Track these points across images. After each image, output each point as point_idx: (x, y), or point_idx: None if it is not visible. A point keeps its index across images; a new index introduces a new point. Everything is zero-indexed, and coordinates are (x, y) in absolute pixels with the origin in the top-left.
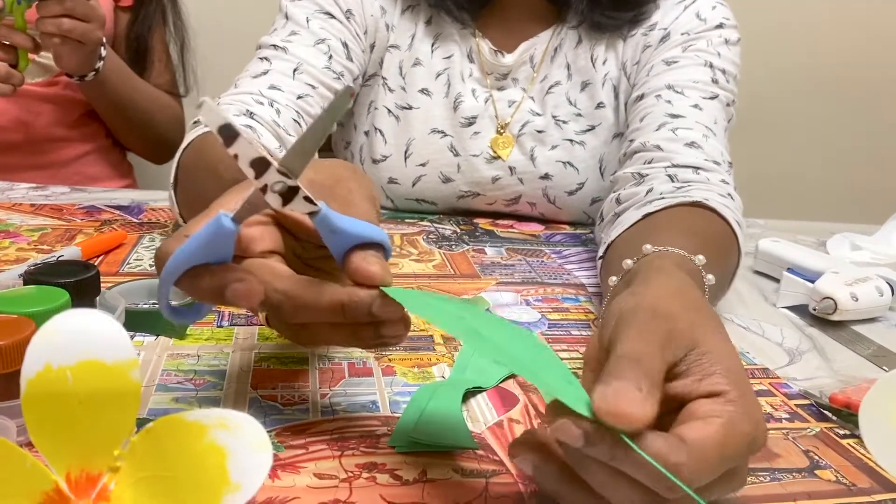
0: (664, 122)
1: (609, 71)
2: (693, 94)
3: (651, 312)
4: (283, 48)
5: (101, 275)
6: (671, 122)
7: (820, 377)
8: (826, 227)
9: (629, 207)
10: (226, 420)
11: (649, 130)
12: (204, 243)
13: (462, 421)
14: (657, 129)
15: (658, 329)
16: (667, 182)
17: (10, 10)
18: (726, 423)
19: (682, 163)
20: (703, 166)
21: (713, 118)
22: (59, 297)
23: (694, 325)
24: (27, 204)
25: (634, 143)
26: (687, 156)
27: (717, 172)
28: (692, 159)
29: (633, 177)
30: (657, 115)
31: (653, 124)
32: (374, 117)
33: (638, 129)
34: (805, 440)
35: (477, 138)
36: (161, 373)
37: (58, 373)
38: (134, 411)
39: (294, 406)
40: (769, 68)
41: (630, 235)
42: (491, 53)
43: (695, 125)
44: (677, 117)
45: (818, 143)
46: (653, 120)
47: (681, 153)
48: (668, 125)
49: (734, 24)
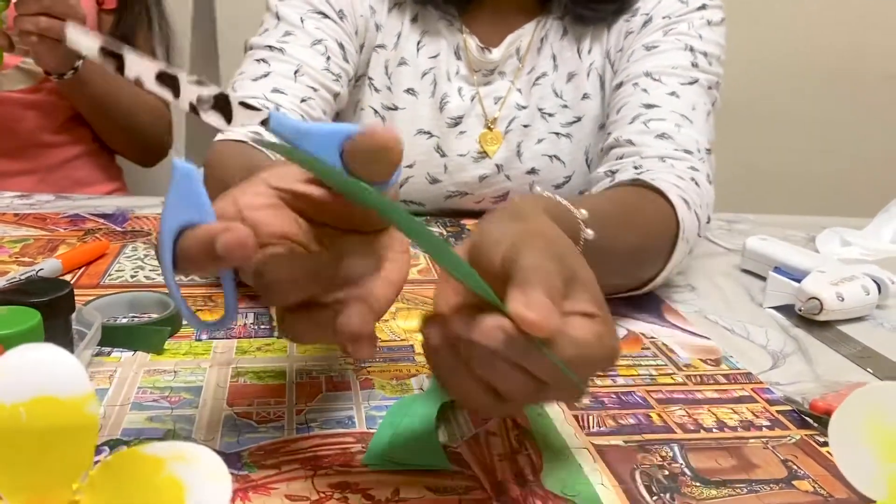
0: (638, 115)
1: (594, 60)
2: (671, 81)
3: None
4: (280, 49)
5: (81, 287)
6: (645, 113)
7: (803, 381)
8: (816, 221)
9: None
10: (183, 453)
11: (624, 124)
12: (175, 196)
13: (435, 440)
14: (631, 122)
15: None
16: (630, 172)
17: None
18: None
19: (650, 154)
20: (670, 156)
21: (691, 104)
22: (30, 318)
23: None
24: (10, 213)
25: (609, 139)
26: (656, 147)
27: (686, 161)
28: (661, 150)
29: (605, 175)
30: (632, 105)
31: (627, 116)
32: (360, 118)
33: (615, 121)
34: (784, 448)
35: (463, 137)
36: (137, 390)
37: (10, 410)
38: (91, 445)
39: (269, 423)
40: (758, 60)
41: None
42: (478, 50)
43: (669, 115)
44: (651, 107)
45: (808, 137)
46: (628, 112)
47: (650, 146)
48: (641, 117)
49: (718, 3)
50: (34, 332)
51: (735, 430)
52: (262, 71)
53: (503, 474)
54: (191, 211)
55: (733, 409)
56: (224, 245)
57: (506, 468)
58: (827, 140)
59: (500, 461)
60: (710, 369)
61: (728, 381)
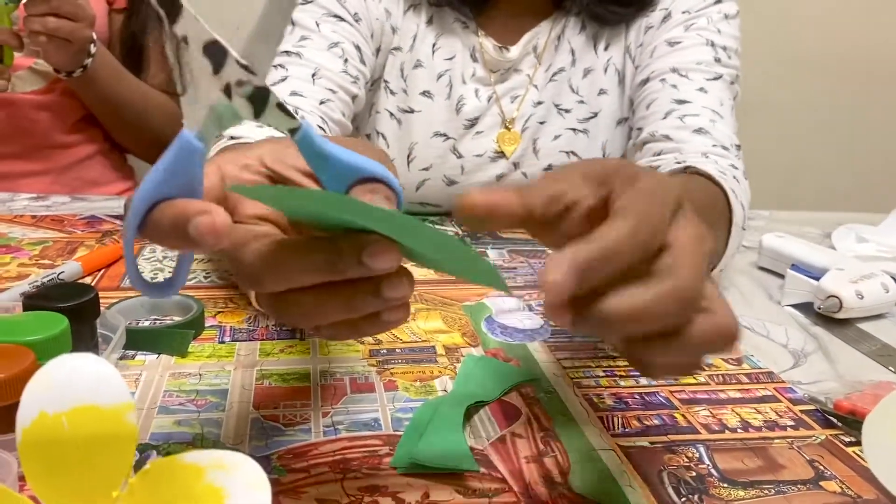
0: (671, 110)
1: (612, 56)
2: (697, 77)
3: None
4: (297, 53)
5: (102, 289)
6: (678, 108)
7: (825, 381)
8: (831, 217)
9: None
10: (222, 461)
11: (657, 119)
12: (169, 168)
13: (463, 442)
14: (665, 118)
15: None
16: (675, 166)
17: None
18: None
19: (691, 150)
20: (711, 152)
21: (719, 100)
22: (58, 324)
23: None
24: (28, 215)
25: (643, 133)
26: (696, 143)
27: (726, 158)
28: (701, 146)
29: None
30: (663, 101)
31: (660, 112)
32: (375, 121)
33: (645, 116)
34: (810, 449)
35: (480, 138)
36: (163, 394)
37: (53, 419)
38: (131, 453)
39: (296, 426)
40: (773, 56)
41: None
42: (495, 50)
43: (702, 110)
44: (684, 103)
45: (822, 132)
46: (660, 107)
47: (689, 141)
48: (675, 112)
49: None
50: (62, 337)
51: (760, 431)
52: (279, 76)
53: (531, 476)
54: (180, 188)
55: (757, 408)
56: (196, 228)
57: (533, 470)
58: (842, 136)
59: (527, 463)
60: (733, 368)
61: (750, 380)
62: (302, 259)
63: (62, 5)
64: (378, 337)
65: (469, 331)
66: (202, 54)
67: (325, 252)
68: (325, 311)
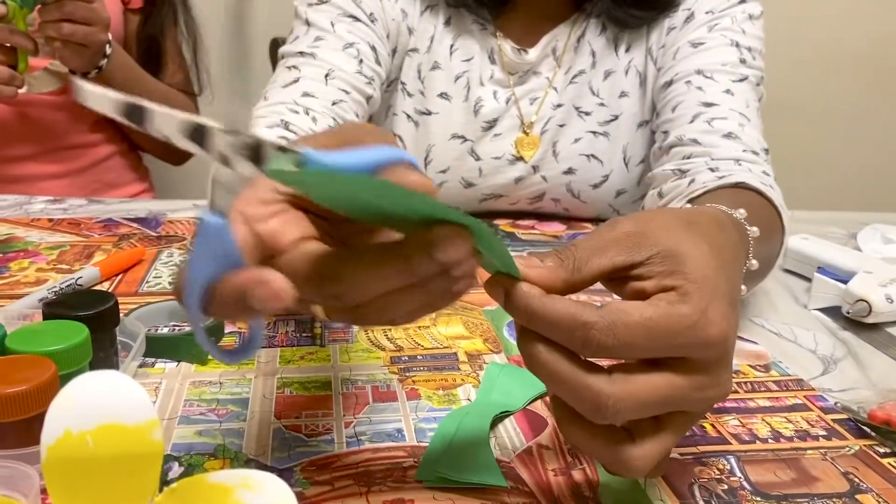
0: (698, 113)
1: (633, 58)
2: (723, 79)
3: (619, 220)
4: (311, 54)
5: (120, 295)
6: (705, 111)
7: (857, 388)
8: (856, 217)
9: (673, 199)
10: (249, 480)
11: (684, 122)
12: (202, 252)
13: (490, 456)
14: (692, 121)
15: (614, 230)
16: (709, 174)
17: (13, 16)
18: (662, 306)
19: (722, 156)
20: (743, 158)
21: (745, 102)
22: (78, 333)
23: (669, 231)
24: (45, 219)
25: (670, 137)
26: (726, 149)
27: (758, 164)
28: (732, 152)
29: (673, 173)
30: (690, 104)
31: (687, 115)
32: (392, 123)
33: (671, 119)
34: (844, 460)
35: (498, 140)
36: (183, 403)
37: (78, 438)
38: (156, 471)
39: (318, 437)
40: (795, 53)
41: None
42: (514, 52)
43: (729, 113)
44: (711, 106)
45: (845, 130)
46: (686, 110)
47: (719, 146)
48: (702, 116)
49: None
50: (82, 346)
51: (791, 441)
52: (292, 77)
53: (559, 490)
54: (219, 262)
55: (787, 417)
56: (260, 301)
57: (562, 484)
58: (864, 134)
59: (555, 476)
60: (761, 376)
61: (779, 388)
62: (377, 273)
63: (76, 10)
64: (399, 343)
65: (491, 336)
66: (188, 141)
67: (396, 262)
68: (400, 305)
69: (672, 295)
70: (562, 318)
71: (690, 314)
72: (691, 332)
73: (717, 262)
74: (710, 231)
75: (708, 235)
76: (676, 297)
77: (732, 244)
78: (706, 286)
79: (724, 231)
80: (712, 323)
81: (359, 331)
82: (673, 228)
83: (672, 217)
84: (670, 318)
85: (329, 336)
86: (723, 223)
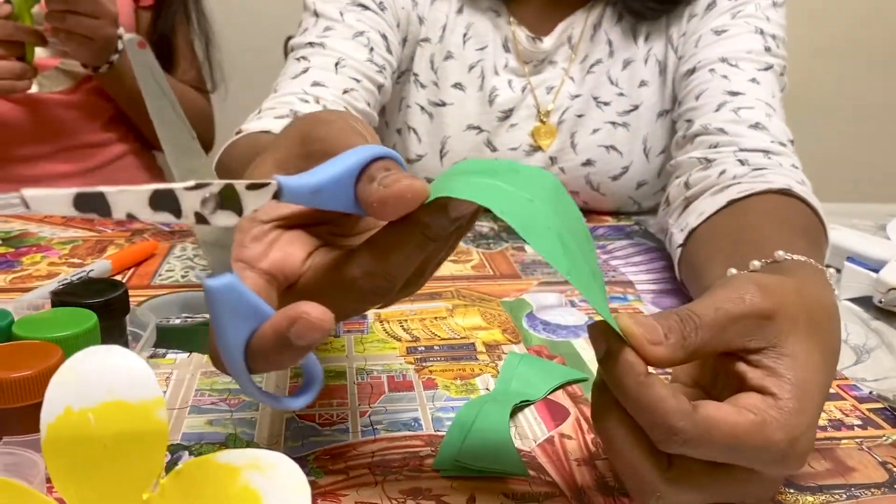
0: (724, 102)
1: (653, 47)
2: (748, 67)
3: (748, 286)
4: (321, 44)
5: (132, 287)
6: (731, 100)
7: (892, 377)
8: (884, 209)
9: (703, 192)
10: (258, 461)
11: (709, 111)
12: (226, 317)
13: (510, 444)
14: (717, 110)
15: (744, 302)
16: (738, 166)
17: (19, 12)
18: (757, 421)
19: (751, 147)
20: (772, 150)
21: (771, 92)
22: (86, 320)
23: (797, 327)
24: (58, 216)
25: (695, 126)
26: (754, 139)
27: (787, 156)
28: (760, 143)
29: (699, 161)
30: (714, 92)
31: (711, 103)
32: (406, 115)
33: (695, 108)
34: (881, 450)
35: (514, 130)
36: (194, 393)
37: (79, 415)
38: (161, 452)
39: (333, 426)
40: (817, 44)
41: (717, 224)
42: (528, 41)
43: (756, 103)
44: (736, 95)
45: (871, 121)
46: (710, 98)
47: (747, 136)
48: (728, 104)
49: None
50: (91, 333)
51: (825, 430)
52: (301, 67)
53: (583, 480)
54: (248, 319)
55: None
56: (303, 338)
57: (585, 474)
58: (891, 126)
59: (577, 466)
60: None
61: None
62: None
63: (79, 3)
64: (415, 334)
65: (510, 327)
66: (157, 212)
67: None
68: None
69: (768, 408)
70: (654, 410)
71: (780, 442)
72: (777, 462)
73: (824, 375)
74: (828, 334)
75: (823, 340)
76: (772, 416)
77: (837, 339)
78: (806, 407)
79: (832, 323)
80: (799, 455)
81: (374, 321)
82: (799, 321)
83: (801, 307)
84: (760, 439)
85: (344, 326)
86: (833, 314)
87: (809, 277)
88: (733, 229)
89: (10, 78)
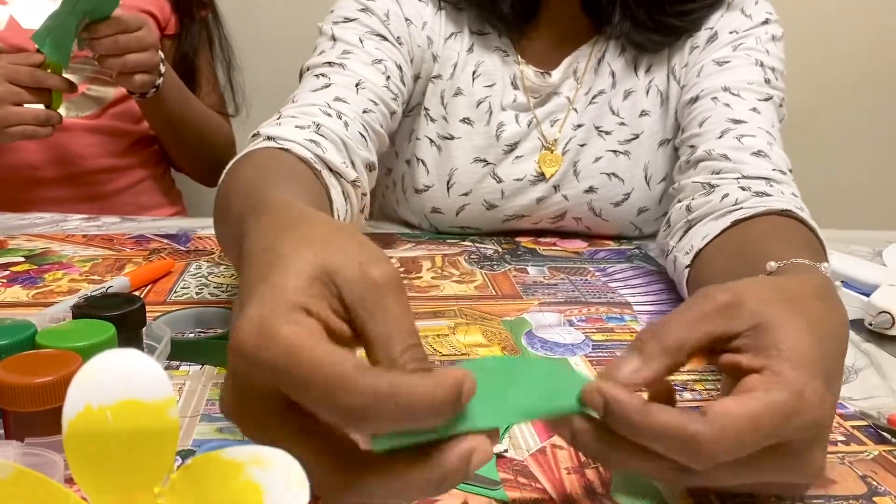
0: (727, 129)
1: (654, 77)
2: (749, 97)
3: (712, 289)
4: (341, 64)
5: (149, 303)
6: (734, 128)
7: (878, 396)
8: (881, 235)
9: (706, 216)
10: (259, 457)
11: (712, 137)
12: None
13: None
14: (720, 137)
15: (709, 301)
16: (741, 192)
17: (50, 61)
18: (760, 395)
19: (753, 174)
20: (773, 178)
21: (770, 121)
22: (105, 331)
23: (768, 303)
24: (80, 235)
25: (698, 151)
26: (756, 167)
27: (787, 184)
28: (762, 170)
29: (702, 186)
30: (717, 119)
31: (714, 130)
32: (415, 147)
33: (698, 134)
34: (862, 464)
35: (520, 162)
36: (206, 402)
37: (98, 413)
38: (172, 449)
39: None
40: (814, 70)
41: (723, 244)
42: (537, 76)
43: (758, 131)
44: (739, 122)
45: (868, 150)
46: (714, 125)
47: (749, 163)
48: (731, 132)
49: (776, 18)
50: (108, 344)
51: None
52: (322, 83)
53: (572, 488)
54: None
55: None
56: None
57: (574, 482)
58: (888, 152)
59: (567, 475)
60: None
61: None
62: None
63: (131, 44)
64: None
65: (509, 345)
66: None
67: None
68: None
69: (767, 380)
70: (668, 430)
71: (788, 400)
72: (793, 419)
73: (814, 336)
74: (809, 305)
75: (807, 310)
76: (772, 383)
77: (824, 306)
78: (801, 365)
79: (824, 301)
80: (810, 405)
81: None
82: (770, 301)
83: (769, 288)
84: (772, 408)
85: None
86: (818, 289)
87: (790, 270)
88: (739, 247)
89: (35, 124)
